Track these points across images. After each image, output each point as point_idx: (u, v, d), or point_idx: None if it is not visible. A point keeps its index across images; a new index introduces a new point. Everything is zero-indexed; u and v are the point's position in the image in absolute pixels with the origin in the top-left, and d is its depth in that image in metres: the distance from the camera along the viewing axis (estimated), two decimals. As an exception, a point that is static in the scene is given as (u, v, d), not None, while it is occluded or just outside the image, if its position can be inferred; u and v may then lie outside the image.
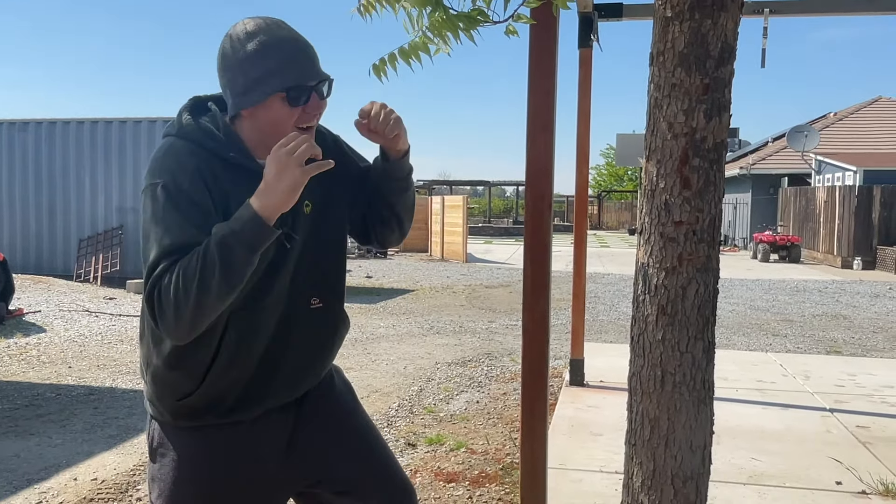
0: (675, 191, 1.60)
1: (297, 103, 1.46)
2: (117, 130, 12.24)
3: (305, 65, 1.46)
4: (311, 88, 1.47)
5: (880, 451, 3.81)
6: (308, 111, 1.48)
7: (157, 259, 1.36)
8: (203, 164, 1.44)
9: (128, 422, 4.72)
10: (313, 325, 1.63)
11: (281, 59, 1.43)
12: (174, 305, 1.32)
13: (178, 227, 1.37)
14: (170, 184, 1.40)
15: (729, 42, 1.57)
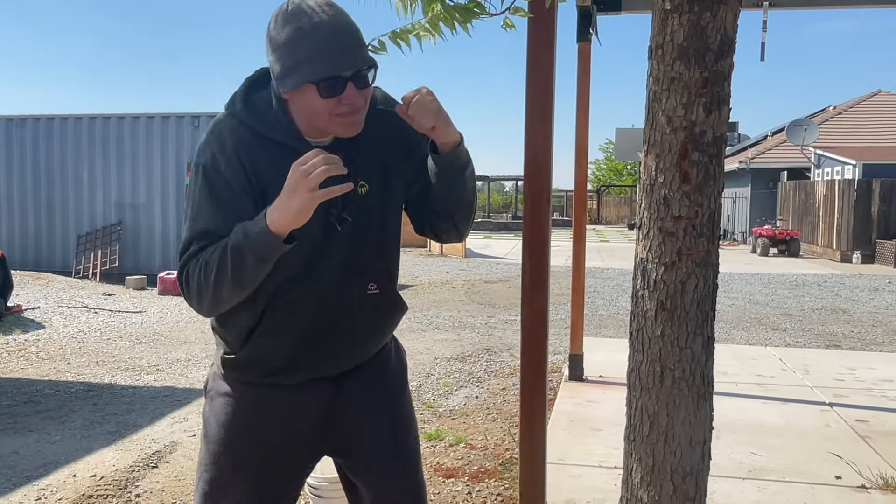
0: (675, 185, 1.59)
1: (330, 94, 1.39)
2: (115, 126, 12.21)
3: (339, 55, 1.38)
4: (345, 79, 1.39)
5: (880, 446, 3.81)
6: (345, 101, 1.41)
7: (189, 240, 1.45)
8: (243, 144, 1.46)
9: (127, 418, 4.72)
10: (368, 310, 1.61)
11: (313, 48, 1.37)
12: (196, 290, 1.43)
13: (210, 212, 1.43)
14: (209, 165, 1.45)
15: (728, 35, 1.55)
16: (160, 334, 7.67)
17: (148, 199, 12.08)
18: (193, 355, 6.63)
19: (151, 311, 9.13)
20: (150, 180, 12.04)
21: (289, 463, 1.67)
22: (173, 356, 6.61)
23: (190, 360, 6.43)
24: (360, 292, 1.58)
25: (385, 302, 1.64)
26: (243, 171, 1.45)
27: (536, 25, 2.32)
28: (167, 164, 11.94)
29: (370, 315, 1.62)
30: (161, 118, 12.01)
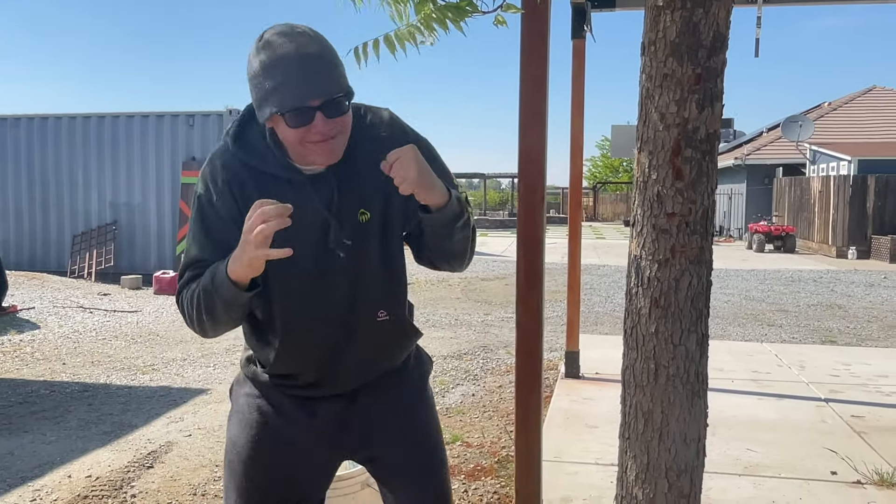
0: (668, 182, 1.58)
1: (297, 124, 1.39)
2: (110, 126, 12.18)
3: (304, 85, 1.36)
4: (313, 108, 1.38)
5: (875, 441, 3.81)
6: (314, 131, 1.40)
7: (184, 267, 1.54)
8: (235, 178, 1.50)
9: (122, 418, 4.71)
10: (379, 337, 1.62)
11: (279, 79, 1.37)
12: (188, 317, 1.52)
13: (202, 242, 1.51)
14: (203, 196, 1.52)
15: (721, 31, 1.55)
16: (156, 334, 7.65)
17: (143, 199, 12.05)
18: (189, 355, 6.62)
19: (147, 311, 9.11)
20: (145, 179, 12.01)
21: (307, 466, 1.67)
22: (169, 356, 6.59)
23: (186, 360, 6.41)
24: (369, 319, 1.59)
25: (396, 328, 1.64)
26: (234, 203, 1.49)
27: (529, 22, 2.32)
28: (162, 163, 11.90)
29: (381, 341, 1.63)
30: (156, 117, 11.97)
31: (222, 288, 1.41)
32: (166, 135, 11.87)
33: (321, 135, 1.40)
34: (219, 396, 5.21)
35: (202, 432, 4.40)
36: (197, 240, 1.52)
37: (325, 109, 1.38)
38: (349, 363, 1.62)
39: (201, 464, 3.87)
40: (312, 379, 1.62)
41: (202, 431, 4.41)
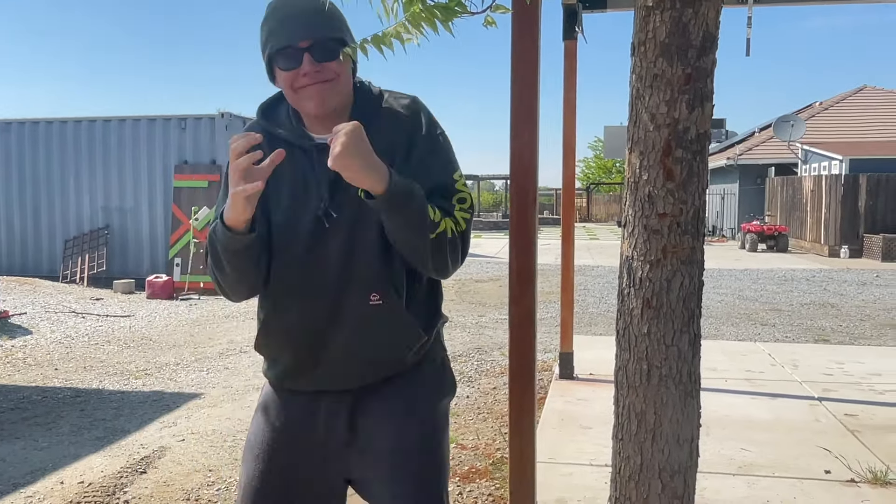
0: (659, 182, 1.58)
1: (286, 66, 1.45)
2: (102, 130, 12.14)
3: (295, 26, 1.42)
4: (301, 50, 1.43)
5: (868, 439, 3.82)
6: (302, 72, 1.44)
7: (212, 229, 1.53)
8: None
9: (115, 423, 4.68)
10: (369, 323, 1.53)
11: (273, 23, 1.44)
12: (211, 275, 1.57)
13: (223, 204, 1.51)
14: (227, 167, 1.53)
15: (710, 31, 1.55)
16: (149, 338, 7.62)
17: (135, 203, 12.01)
18: (182, 359, 6.60)
19: (140, 315, 9.08)
20: (138, 184, 11.97)
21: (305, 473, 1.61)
22: (162, 360, 6.57)
23: (179, 365, 6.39)
24: (359, 301, 1.51)
25: (391, 318, 1.53)
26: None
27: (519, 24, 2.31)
28: (154, 167, 11.87)
29: (371, 329, 1.53)
30: (147, 121, 11.94)
31: (221, 234, 1.45)
32: (158, 138, 11.83)
33: (309, 77, 1.44)
34: (212, 401, 5.20)
35: (196, 437, 4.38)
36: (221, 203, 1.53)
37: (313, 52, 1.43)
38: (335, 351, 1.54)
39: (195, 469, 3.86)
40: (293, 364, 1.57)
41: (196, 436, 4.39)
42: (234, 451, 4.12)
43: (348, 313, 1.52)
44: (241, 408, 5.00)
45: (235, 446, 4.21)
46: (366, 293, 1.51)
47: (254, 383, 5.68)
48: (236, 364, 6.38)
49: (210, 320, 8.77)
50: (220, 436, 4.40)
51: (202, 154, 11.63)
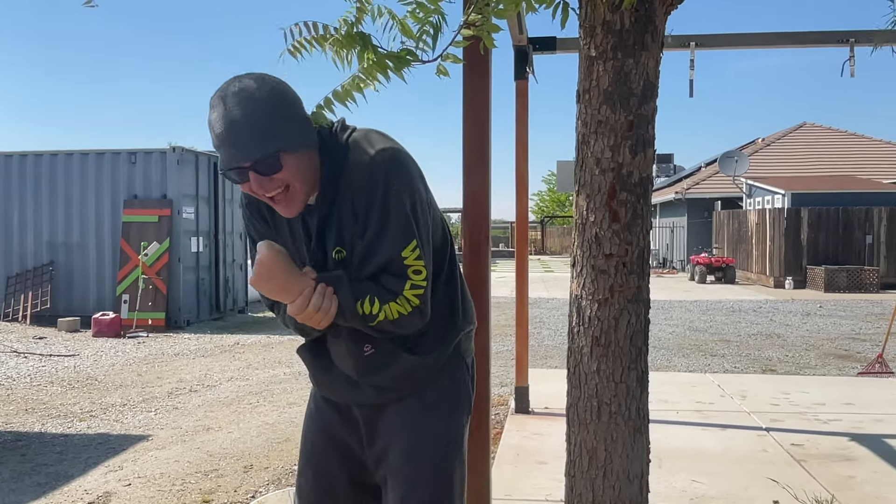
0: (605, 224, 1.64)
1: (237, 181, 1.53)
2: (48, 164, 11.85)
3: (233, 149, 1.48)
4: (246, 168, 1.49)
5: (814, 469, 3.92)
6: (253, 191, 1.53)
7: None
8: (252, 200, 1.67)
9: (58, 468, 4.52)
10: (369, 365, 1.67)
11: (216, 141, 1.51)
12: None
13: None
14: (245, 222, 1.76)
15: (651, 80, 1.62)
16: (94, 378, 7.40)
17: (82, 238, 11.71)
18: (129, 400, 6.41)
19: (85, 354, 8.81)
20: (85, 218, 11.69)
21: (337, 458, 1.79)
22: (108, 401, 6.37)
23: (126, 405, 6.21)
24: (356, 348, 1.66)
25: (390, 361, 1.66)
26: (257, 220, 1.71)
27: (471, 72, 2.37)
28: (102, 201, 11.61)
29: (375, 369, 1.67)
30: (96, 155, 11.71)
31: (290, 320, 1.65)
32: (107, 173, 11.60)
33: (262, 191, 1.52)
34: (160, 443, 5.06)
35: (142, 481, 4.25)
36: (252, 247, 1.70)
37: (256, 169, 1.49)
38: (345, 380, 1.71)
39: (142, 514, 3.74)
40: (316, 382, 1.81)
41: (142, 480, 4.26)
42: (183, 496, 4.01)
43: (349, 356, 1.68)
44: (191, 449, 4.87)
45: (184, 490, 4.09)
46: (360, 344, 1.65)
47: (204, 423, 5.56)
48: (185, 404, 6.23)
49: (159, 359, 8.56)
50: (168, 479, 4.28)
51: (153, 188, 11.45)
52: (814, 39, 4.94)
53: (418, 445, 1.69)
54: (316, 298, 1.51)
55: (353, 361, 1.67)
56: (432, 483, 1.69)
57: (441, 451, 1.71)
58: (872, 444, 4.34)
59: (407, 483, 1.68)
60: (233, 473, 4.39)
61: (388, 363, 1.65)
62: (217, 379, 7.30)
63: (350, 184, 1.56)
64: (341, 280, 1.55)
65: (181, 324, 11.15)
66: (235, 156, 1.48)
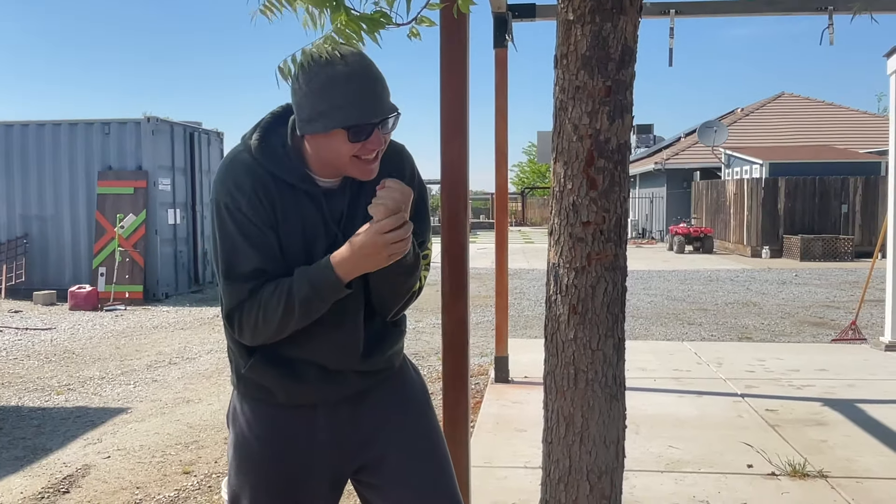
0: (583, 192, 1.62)
1: (357, 139, 1.46)
2: (19, 134, 11.61)
3: (370, 102, 1.46)
4: (374, 125, 1.47)
5: (788, 434, 4.00)
6: (368, 146, 1.48)
7: (239, 280, 1.50)
8: (259, 183, 1.51)
9: (35, 442, 4.49)
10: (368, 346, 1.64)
11: (347, 95, 1.44)
12: (252, 326, 1.51)
13: (248, 252, 1.50)
14: (230, 205, 1.50)
15: (629, 45, 1.60)
16: (71, 352, 7.33)
17: (56, 211, 11.52)
18: (107, 373, 6.37)
19: (62, 328, 8.72)
20: (59, 190, 11.49)
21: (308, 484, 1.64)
22: (86, 374, 6.33)
23: (104, 378, 6.17)
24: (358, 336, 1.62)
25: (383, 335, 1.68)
26: (263, 208, 1.51)
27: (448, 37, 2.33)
28: (76, 173, 11.41)
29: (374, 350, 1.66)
30: (69, 125, 11.48)
31: (331, 292, 1.48)
32: (80, 143, 11.39)
33: (373, 151, 1.49)
34: (140, 415, 5.04)
35: (122, 453, 4.24)
36: (239, 250, 1.50)
37: (382, 127, 1.48)
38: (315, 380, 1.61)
39: (121, 486, 3.73)
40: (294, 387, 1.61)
41: (122, 452, 4.25)
42: (163, 468, 4.00)
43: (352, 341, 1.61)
44: (170, 422, 4.86)
45: (164, 462, 4.09)
46: (359, 326, 1.62)
47: (184, 396, 5.54)
48: (165, 376, 6.20)
49: (137, 331, 8.50)
50: (147, 451, 4.27)
51: (127, 160, 11.26)
52: (793, 6, 4.92)
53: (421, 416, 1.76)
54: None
55: (357, 345, 1.62)
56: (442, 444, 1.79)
57: (434, 419, 1.81)
58: (844, 409, 4.43)
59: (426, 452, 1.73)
60: (213, 445, 4.38)
61: (385, 339, 1.68)
62: (196, 351, 7.27)
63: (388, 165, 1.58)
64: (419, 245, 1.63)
65: (159, 296, 11.07)
66: (375, 108, 1.47)
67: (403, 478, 1.68)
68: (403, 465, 1.68)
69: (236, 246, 1.50)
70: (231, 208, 1.50)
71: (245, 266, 1.50)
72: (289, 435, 1.62)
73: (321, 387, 1.61)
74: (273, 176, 1.52)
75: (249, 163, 1.53)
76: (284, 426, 1.63)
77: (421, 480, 1.70)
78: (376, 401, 1.68)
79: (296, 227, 1.54)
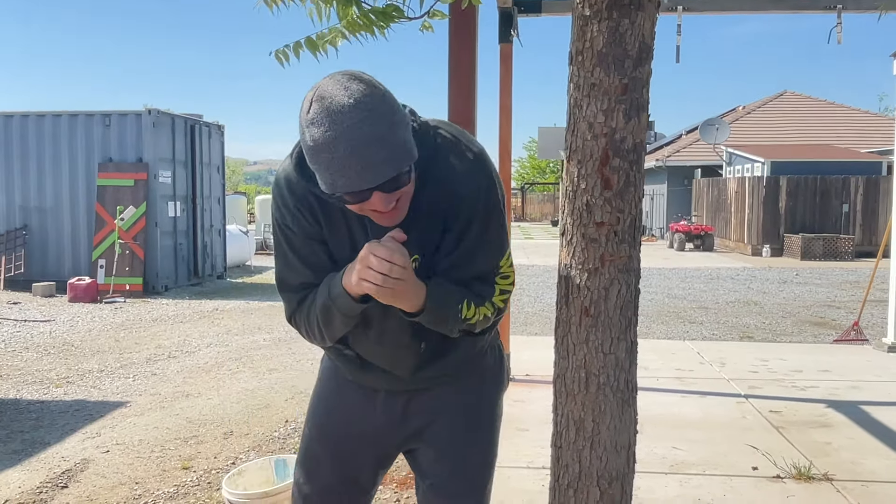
0: (597, 191, 1.59)
1: (355, 201, 1.35)
2: (19, 125, 11.55)
3: (361, 172, 1.27)
4: (370, 189, 1.31)
5: (792, 436, 3.97)
6: (367, 207, 1.36)
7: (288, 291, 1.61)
8: (301, 199, 1.51)
9: (34, 435, 4.46)
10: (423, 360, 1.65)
11: (331, 165, 1.28)
12: (307, 335, 1.62)
13: (294, 265, 1.56)
14: (279, 220, 1.55)
15: (647, 42, 1.56)
16: (71, 344, 7.30)
17: (56, 202, 11.47)
18: (107, 366, 6.34)
19: (61, 320, 8.69)
20: (58, 182, 11.44)
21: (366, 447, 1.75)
22: (85, 367, 6.29)
23: (103, 371, 6.13)
24: (414, 353, 1.63)
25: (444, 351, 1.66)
26: (308, 223, 1.53)
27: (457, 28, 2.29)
28: (76, 164, 11.36)
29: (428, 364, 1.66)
30: (69, 116, 11.43)
31: (340, 302, 1.47)
32: (80, 135, 11.34)
33: (380, 210, 1.37)
34: (139, 409, 5.01)
35: (121, 448, 4.20)
36: (289, 264, 1.57)
37: (382, 188, 1.32)
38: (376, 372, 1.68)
39: (120, 482, 3.70)
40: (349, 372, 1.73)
41: (121, 447, 4.22)
42: (162, 463, 3.97)
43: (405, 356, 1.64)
44: (170, 416, 4.83)
45: (164, 457, 4.06)
46: (417, 342, 1.61)
47: (183, 390, 5.51)
48: (164, 370, 6.17)
49: (136, 324, 8.47)
50: (147, 446, 4.24)
51: (128, 152, 11.22)
52: (802, 5, 4.88)
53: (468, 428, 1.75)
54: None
55: (410, 361, 1.64)
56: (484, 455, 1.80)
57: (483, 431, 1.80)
58: (848, 411, 4.40)
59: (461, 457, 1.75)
60: (213, 440, 4.36)
61: (444, 353, 1.66)
62: (196, 345, 7.24)
63: (444, 187, 1.47)
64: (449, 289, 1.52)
65: (159, 289, 11.03)
66: (365, 178, 1.28)
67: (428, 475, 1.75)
68: (433, 464, 1.73)
69: (287, 260, 1.57)
70: (280, 224, 1.55)
71: (294, 279, 1.58)
72: (354, 401, 1.74)
73: (383, 378, 1.68)
74: (315, 195, 1.47)
75: (293, 179, 1.50)
76: (352, 394, 1.74)
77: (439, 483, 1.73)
78: (431, 399, 1.71)
79: (343, 239, 1.53)
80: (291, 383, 5.66)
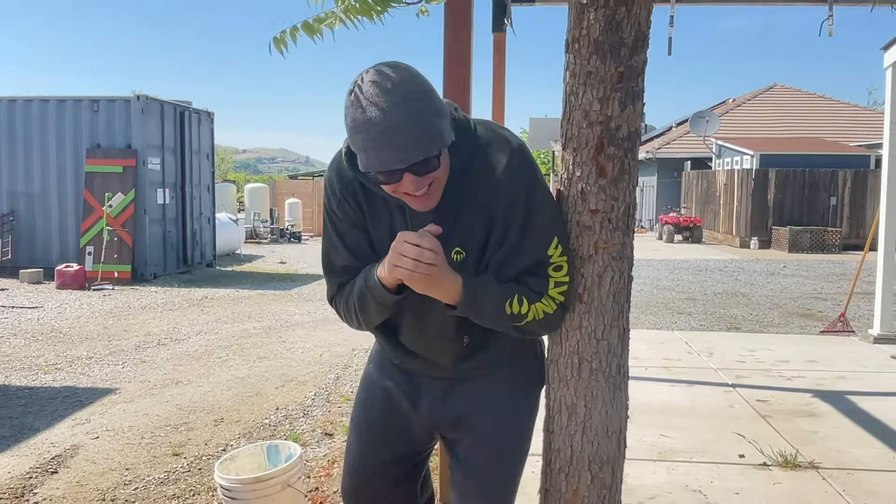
0: (591, 179, 1.60)
1: (387, 182, 1.42)
2: (6, 110, 11.44)
3: (392, 152, 1.35)
4: (402, 170, 1.38)
5: (779, 424, 4.01)
6: (400, 189, 1.43)
7: (331, 274, 1.69)
8: (348, 187, 1.59)
9: (23, 421, 4.44)
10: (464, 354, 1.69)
11: (367, 143, 1.36)
12: (346, 319, 1.70)
13: (339, 249, 1.64)
14: (327, 205, 1.65)
15: (643, 30, 1.57)
16: (59, 331, 7.27)
17: (43, 188, 11.39)
18: (95, 353, 6.32)
19: (49, 307, 8.64)
20: (46, 168, 11.35)
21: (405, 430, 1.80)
22: (73, 354, 6.27)
23: (92, 358, 6.11)
24: (456, 347, 1.67)
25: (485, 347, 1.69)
26: (352, 210, 1.60)
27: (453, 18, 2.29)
28: (64, 150, 11.27)
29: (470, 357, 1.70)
30: (57, 102, 11.33)
31: (376, 294, 1.53)
32: (68, 121, 11.24)
33: (411, 192, 1.43)
34: (128, 396, 5.00)
35: (110, 434, 4.20)
36: (334, 247, 1.65)
37: (413, 170, 1.39)
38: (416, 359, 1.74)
39: (110, 467, 3.70)
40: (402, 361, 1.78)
41: (110, 433, 4.22)
42: (152, 449, 3.97)
43: (446, 349, 1.68)
44: (160, 403, 4.83)
45: (153, 443, 4.06)
46: (460, 336, 1.65)
47: (172, 377, 5.50)
48: (154, 357, 6.16)
49: (125, 311, 8.43)
50: (136, 433, 4.23)
51: (116, 138, 11.13)
52: (794, -2, 4.90)
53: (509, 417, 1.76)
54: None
55: (453, 353, 1.68)
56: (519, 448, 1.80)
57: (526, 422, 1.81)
58: (835, 401, 4.45)
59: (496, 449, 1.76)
60: (203, 427, 4.36)
61: (486, 346, 1.68)
62: (185, 332, 7.23)
63: (486, 181, 1.50)
64: (489, 282, 1.53)
65: (147, 276, 10.99)
66: (396, 158, 1.36)
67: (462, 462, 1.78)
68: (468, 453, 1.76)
69: (332, 242, 1.65)
70: (328, 209, 1.64)
71: (338, 262, 1.65)
72: (398, 382, 1.80)
73: (425, 366, 1.73)
74: (361, 184, 1.56)
75: (342, 167, 1.58)
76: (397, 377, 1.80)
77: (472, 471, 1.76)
78: (472, 388, 1.74)
79: (384, 229, 1.58)
80: (282, 371, 5.66)
